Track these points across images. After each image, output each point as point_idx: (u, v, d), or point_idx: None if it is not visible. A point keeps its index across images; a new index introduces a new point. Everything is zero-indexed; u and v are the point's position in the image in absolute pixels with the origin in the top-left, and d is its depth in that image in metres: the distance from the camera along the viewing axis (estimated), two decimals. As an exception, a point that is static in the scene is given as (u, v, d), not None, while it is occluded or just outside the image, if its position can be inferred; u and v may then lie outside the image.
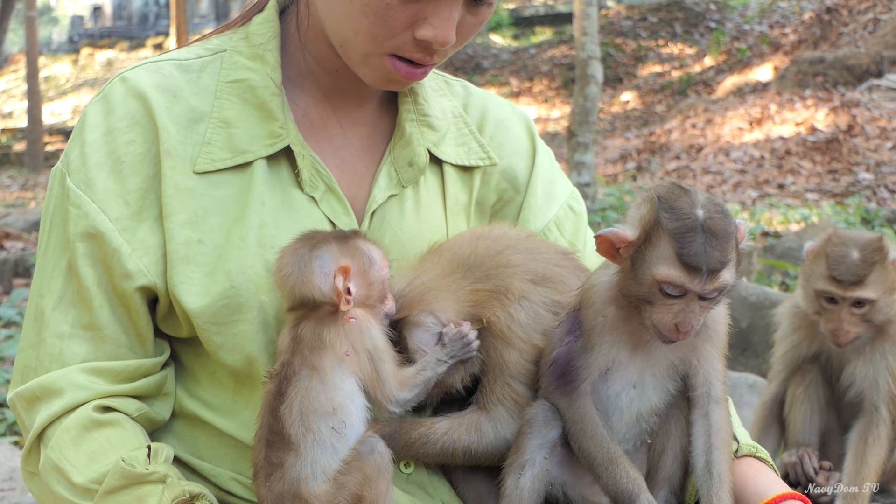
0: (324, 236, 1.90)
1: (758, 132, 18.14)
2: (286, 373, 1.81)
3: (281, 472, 1.76)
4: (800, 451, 2.99)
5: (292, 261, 1.86)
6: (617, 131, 21.24)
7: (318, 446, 1.77)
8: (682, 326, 1.78)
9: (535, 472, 1.93)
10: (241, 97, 2.02)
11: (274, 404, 1.79)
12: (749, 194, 15.85)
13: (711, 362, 1.91)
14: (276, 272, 1.88)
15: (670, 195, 1.82)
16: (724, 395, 1.92)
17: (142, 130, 1.97)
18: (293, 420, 1.77)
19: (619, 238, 1.82)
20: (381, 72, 1.97)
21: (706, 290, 1.77)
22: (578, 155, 11.73)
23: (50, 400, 1.92)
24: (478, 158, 2.22)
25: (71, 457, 1.88)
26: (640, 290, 1.81)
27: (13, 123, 27.13)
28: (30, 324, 1.99)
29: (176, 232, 1.93)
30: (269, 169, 2.01)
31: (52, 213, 2.00)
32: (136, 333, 1.97)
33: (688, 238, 1.76)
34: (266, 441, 1.79)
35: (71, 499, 1.88)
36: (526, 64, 25.88)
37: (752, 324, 6.25)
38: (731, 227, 1.80)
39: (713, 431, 1.88)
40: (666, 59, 24.35)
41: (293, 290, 1.85)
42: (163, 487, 1.82)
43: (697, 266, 1.74)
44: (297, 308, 1.86)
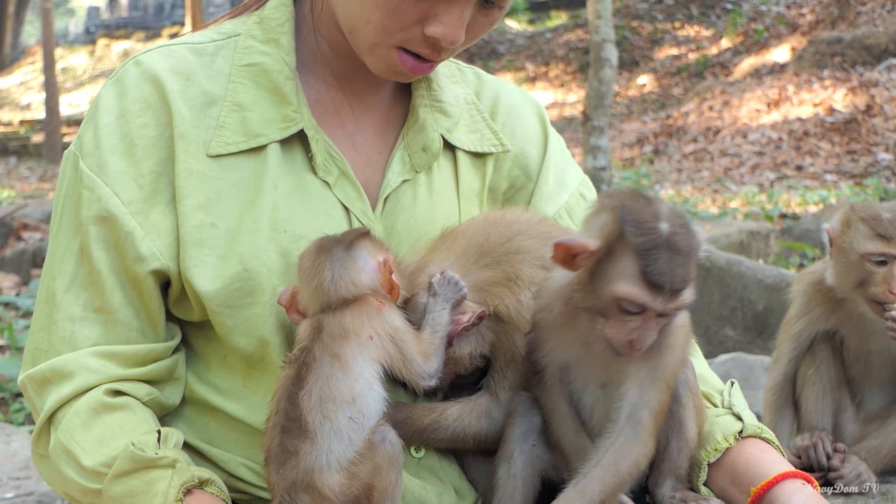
0: (344, 237, 1.90)
1: (775, 114, 18.06)
2: (306, 359, 1.80)
3: (295, 461, 1.75)
4: (813, 437, 2.97)
5: (329, 264, 1.86)
6: (633, 115, 21.16)
7: (334, 436, 1.75)
8: (637, 343, 1.72)
9: (525, 459, 1.94)
10: (255, 81, 2.02)
11: (292, 390, 1.78)
12: (767, 176, 15.78)
13: (643, 387, 1.82)
14: (311, 278, 1.86)
15: (634, 205, 1.72)
16: (647, 422, 1.81)
17: (155, 114, 1.97)
18: (311, 407, 1.76)
19: (579, 247, 1.74)
20: (387, 63, 1.97)
21: (667, 309, 1.70)
22: (594, 139, 11.67)
23: (61, 383, 1.92)
24: (490, 145, 2.22)
25: (81, 440, 1.89)
26: (595, 303, 1.74)
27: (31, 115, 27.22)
28: (41, 306, 2.00)
29: (189, 215, 1.93)
30: (282, 153, 2.00)
31: (65, 196, 2.00)
32: (147, 317, 1.98)
33: (653, 256, 1.67)
34: (281, 427, 1.78)
35: (80, 482, 1.88)
36: (542, 49, 25.80)
37: (768, 306, 6.22)
38: (694, 242, 1.72)
39: (610, 452, 1.80)
40: (682, 42, 24.22)
41: (333, 292, 1.85)
42: (172, 472, 1.82)
43: (661, 285, 1.67)
44: (328, 309, 1.85)
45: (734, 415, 2.06)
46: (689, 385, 1.97)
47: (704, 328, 6.45)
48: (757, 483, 1.91)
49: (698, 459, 2.01)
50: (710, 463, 2.00)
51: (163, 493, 1.80)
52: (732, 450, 2.00)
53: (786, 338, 3.10)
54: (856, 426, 3.05)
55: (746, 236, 9.06)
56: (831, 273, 2.93)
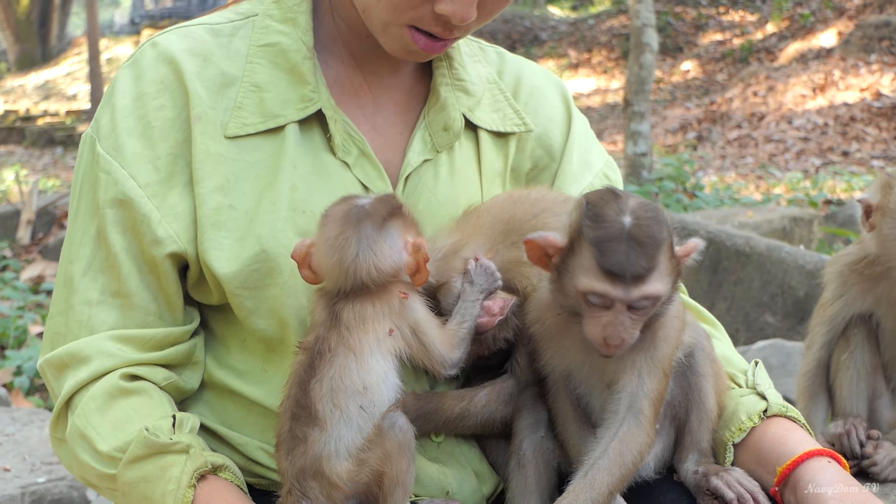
0: (376, 209, 1.82)
1: (821, 99, 17.89)
2: (320, 348, 1.77)
3: (304, 447, 1.74)
4: (847, 424, 2.91)
5: (357, 241, 1.78)
6: (677, 101, 21.00)
7: (344, 424, 1.74)
8: (611, 339, 1.70)
9: (535, 450, 1.94)
10: (273, 61, 2.00)
11: (304, 378, 1.76)
12: (812, 162, 15.64)
13: (642, 376, 1.81)
14: (333, 250, 1.79)
15: (599, 201, 1.73)
16: (647, 411, 1.81)
17: (172, 95, 1.96)
18: (322, 396, 1.74)
19: (548, 243, 1.75)
20: (400, 42, 1.95)
21: (632, 298, 1.68)
22: (634, 124, 11.61)
23: (78, 367, 1.92)
24: (513, 125, 2.19)
25: (96, 424, 1.89)
26: (568, 302, 1.75)
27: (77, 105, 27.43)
28: (59, 290, 2.00)
29: (206, 198, 1.92)
30: (301, 133, 1.99)
31: (82, 180, 2.00)
32: (165, 301, 1.97)
33: (608, 246, 1.67)
34: (292, 413, 1.77)
35: (96, 466, 1.89)
36: (584, 35, 25.65)
37: (809, 292, 6.14)
38: (662, 233, 1.70)
39: (614, 443, 1.79)
40: (727, 27, 23.99)
41: (352, 273, 1.78)
42: (186, 458, 1.82)
43: (619, 273, 1.66)
44: (349, 291, 1.80)
45: (758, 394, 2.03)
46: (706, 351, 1.96)
47: (744, 314, 6.38)
48: (782, 463, 1.88)
49: (723, 440, 1.98)
50: (736, 444, 1.97)
51: (176, 478, 1.80)
52: (757, 430, 1.96)
53: (819, 321, 3.05)
54: (892, 412, 3.00)
55: (789, 222, 8.96)
56: (874, 242, 2.87)
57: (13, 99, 30.41)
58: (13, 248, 10.52)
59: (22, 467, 3.80)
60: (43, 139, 24.26)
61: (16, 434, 4.10)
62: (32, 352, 6.25)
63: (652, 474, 1.95)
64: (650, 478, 1.95)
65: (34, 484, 3.66)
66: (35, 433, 4.11)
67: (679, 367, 1.92)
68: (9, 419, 4.27)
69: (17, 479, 3.69)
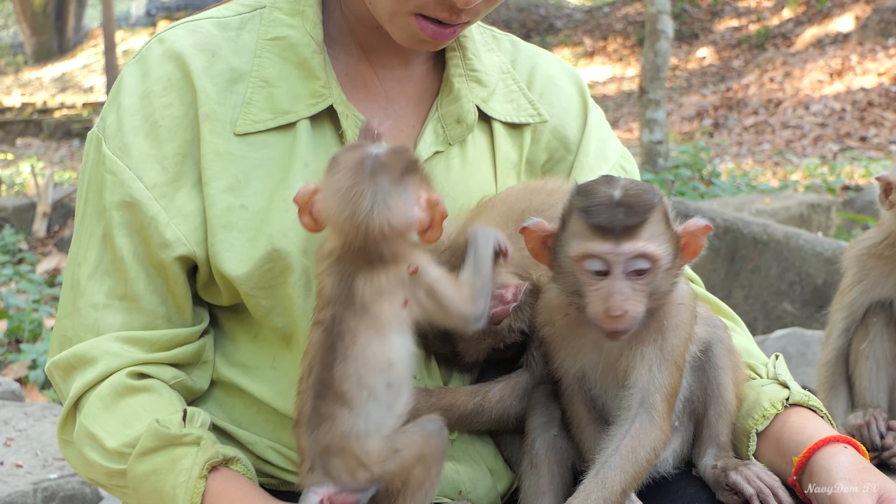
0: (392, 162, 1.69)
1: (838, 84, 17.83)
2: (340, 329, 1.68)
3: (331, 425, 1.67)
4: (867, 415, 2.88)
5: (371, 194, 1.65)
6: (693, 88, 20.93)
7: (373, 402, 1.68)
8: (612, 310, 1.67)
9: (547, 449, 1.91)
10: (282, 55, 1.97)
11: (326, 358, 1.68)
12: (829, 148, 15.59)
13: (653, 370, 1.78)
14: (344, 202, 1.66)
15: (588, 185, 1.75)
16: (660, 406, 1.78)
17: (179, 93, 1.94)
18: (348, 376, 1.67)
19: (541, 228, 1.76)
20: (407, 31, 1.91)
21: (624, 253, 1.66)
22: (650, 112, 11.55)
23: (84, 368, 1.91)
24: (528, 115, 2.15)
25: (104, 422, 1.87)
26: (567, 282, 1.73)
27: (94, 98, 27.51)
28: (66, 293, 1.98)
29: (217, 198, 1.90)
30: (312, 129, 1.96)
31: (89, 181, 1.97)
32: (174, 304, 1.94)
33: (595, 209, 1.67)
34: (316, 392, 1.69)
35: (104, 464, 1.87)
36: (599, 23, 25.57)
37: (827, 280, 6.09)
38: (652, 199, 1.70)
39: (626, 440, 1.76)
40: (743, 13, 23.87)
41: (363, 228, 1.65)
42: (197, 449, 1.80)
43: (607, 226, 1.66)
44: (356, 249, 1.68)
45: (780, 383, 2.00)
46: (724, 342, 1.93)
47: (762, 303, 6.35)
48: (799, 452, 1.85)
49: (746, 428, 1.95)
50: (759, 432, 1.94)
51: (187, 470, 1.78)
52: (777, 420, 1.93)
53: (838, 308, 3.02)
54: (912, 402, 2.97)
55: (807, 209, 8.91)
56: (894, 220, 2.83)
57: (30, 91, 30.53)
58: (29, 240, 10.54)
59: (34, 463, 3.79)
60: (60, 131, 24.34)
61: (28, 430, 4.09)
62: (48, 345, 6.23)
63: (671, 469, 1.92)
64: (669, 473, 1.92)
65: (46, 480, 3.65)
66: (48, 429, 4.10)
67: (696, 361, 1.89)
68: (21, 414, 4.26)
69: (30, 475, 3.68)
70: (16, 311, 7.18)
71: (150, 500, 1.83)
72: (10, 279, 8.72)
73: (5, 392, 4.73)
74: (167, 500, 1.80)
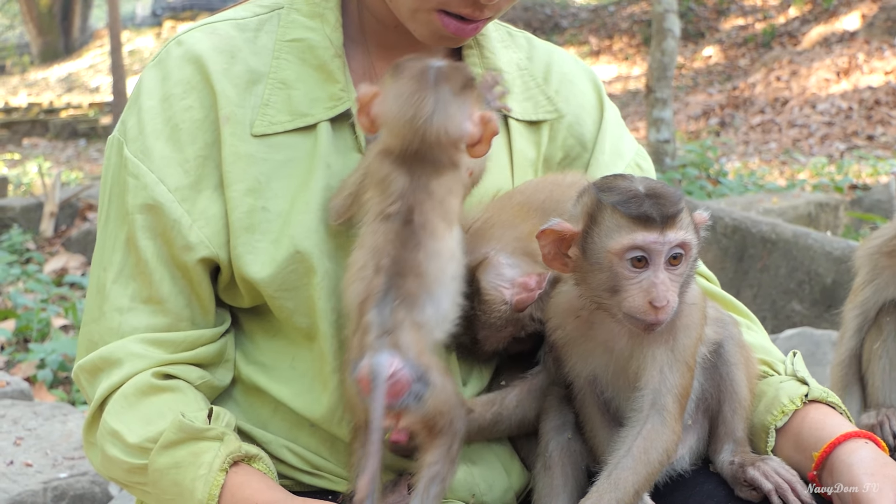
0: (452, 75, 1.78)
1: (845, 83, 17.80)
2: (420, 219, 1.74)
3: (410, 303, 1.70)
4: (880, 415, 2.86)
5: (434, 101, 1.74)
6: (699, 87, 20.91)
7: (444, 291, 1.74)
8: (657, 301, 1.68)
9: (561, 452, 1.91)
10: (300, 57, 1.97)
11: (407, 243, 1.73)
12: (837, 147, 15.56)
13: (664, 371, 1.78)
14: (407, 106, 1.74)
15: (605, 181, 1.76)
16: (672, 407, 1.78)
17: (199, 96, 1.93)
18: (427, 261, 1.72)
19: (563, 228, 1.73)
20: (430, 28, 1.90)
21: (669, 241, 1.68)
22: (657, 111, 11.55)
23: (110, 370, 1.91)
24: (545, 112, 2.15)
25: (127, 419, 1.87)
26: (601, 279, 1.72)
27: (100, 98, 27.56)
28: (92, 297, 1.98)
29: (238, 201, 1.89)
30: (332, 131, 1.95)
31: (111, 185, 1.97)
32: (199, 305, 1.94)
33: (633, 201, 1.69)
34: (394, 271, 1.71)
35: (125, 459, 1.86)
36: (605, 22, 25.55)
37: (836, 279, 6.08)
38: (676, 192, 1.73)
39: (638, 441, 1.76)
40: (749, 12, 23.84)
41: (422, 132, 1.74)
42: (219, 444, 1.80)
43: (650, 216, 1.67)
44: (410, 152, 1.76)
45: (798, 379, 2.00)
46: (735, 339, 1.93)
47: (771, 302, 6.33)
48: (819, 448, 1.84)
49: (765, 424, 1.94)
50: (778, 428, 1.93)
51: (208, 463, 1.78)
52: (797, 416, 1.93)
53: (851, 308, 3.00)
54: (926, 403, 2.95)
55: (815, 208, 8.89)
56: None
57: (37, 92, 30.59)
58: (36, 240, 10.54)
59: (44, 462, 3.79)
60: (66, 131, 24.39)
61: (38, 429, 4.09)
62: (56, 345, 6.24)
63: (687, 467, 1.92)
64: (685, 470, 1.92)
65: (56, 479, 3.65)
66: (57, 428, 4.10)
67: (708, 360, 1.89)
68: (31, 414, 4.27)
69: (40, 475, 3.68)
70: (24, 311, 7.18)
71: (169, 494, 1.83)
72: (18, 279, 8.72)
73: (14, 391, 4.73)
74: (186, 493, 1.79)
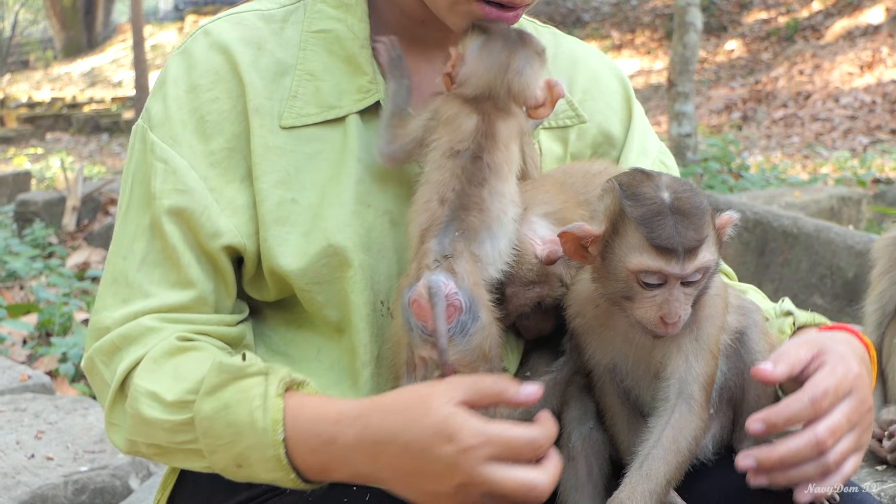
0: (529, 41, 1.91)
1: (869, 76, 17.70)
2: (487, 159, 1.81)
3: (471, 235, 1.75)
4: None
5: (520, 58, 1.87)
6: (721, 81, 20.81)
7: (503, 231, 1.78)
8: (669, 318, 1.67)
9: (584, 442, 1.89)
10: (328, 49, 1.96)
11: (474, 179, 1.79)
12: (860, 141, 15.47)
13: (689, 360, 1.77)
14: (495, 59, 1.86)
15: (632, 181, 1.71)
16: (698, 395, 1.77)
17: (226, 87, 1.91)
18: (492, 199, 1.78)
19: (584, 233, 1.72)
20: (470, 18, 1.89)
21: (686, 272, 1.66)
22: (678, 105, 11.49)
23: (130, 347, 1.83)
24: (566, 118, 2.14)
25: (160, 379, 1.78)
26: (616, 287, 1.71)
27: (122, 92, 27.65)
28: (107, 286, 1.90)
29: (268, 193, 1.87)
30: (362, 123, 1.94)
31: (134, 172, 1.92)
32: (224, 291, 1.90)
33: (656, 222, 1.65)
34: (460, 204, 1.77)
35: (167, 418, 1.77)
36: (627, 16, 25.47)
37: (858, 273, 6.06)
38: (702, 203, 1.69)
39: (667, 431, 1.75)
40: (772, 5, 23.70)
41: (506, 83, 1.86)
42: (264, 377, 1.72)
43: (672, 247, 1.63)
44: (489, 98, 1.86)
45: (785, 314, 2.01)
46: (759, 326, 1.91)
47: (792, 296, 6.26)
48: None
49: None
50: None
51: (261, 395, 1.69)
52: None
53: (870, 302, 2.97)
54: (947, 399, 2.92)
55: (837, 202, 8.85)
56: None
57: (60, 86, 30.74)
58: (59, 234, 10.60)
59: (65, 456, 3.80)
60: (89, 126, 24.51)
61: (59, 422, 4.10)
62: (78, 339, 6.26)
63: (711, 456, 1.91)
64: (709, 459, 1.90)
65: (77, 472, 3.66)
66: (78, 421, 4.11)
67: (730, 348, 1.87)
68: (52, 407, 4.28)
69: (60, 468, 3.69)
70: (46, 305, 7.22)
71: (224, 438, 1.72)
72: (41, 273, 8.77)
73: (36, 385, 4.74)
74: (245, 429, 1.70)
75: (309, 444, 1.68)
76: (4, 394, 4.55)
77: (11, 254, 9.31)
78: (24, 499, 3.48)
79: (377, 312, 1.89)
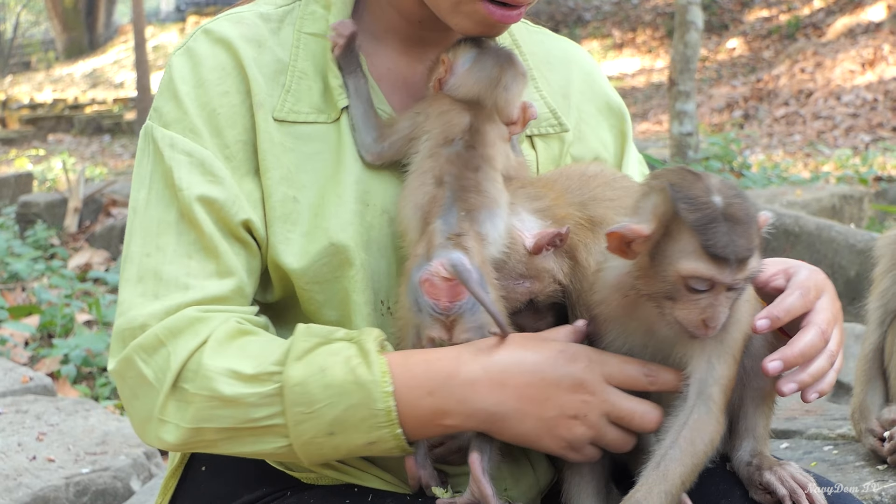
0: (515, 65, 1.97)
1: (870, 74, 17.70)
2: (480, 151, 1.87)
3: (474, 215, 1.79)
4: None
5: (509, 75, 1.94)
6: (723, 79, 20.81)
7: (500, 216, 1.82)
8: (711, 321, 1.67)
9: None
10: (319, 50, 1.97)
11: (469, 165, 1.85)
12: (861, 139, 15.48)
13: (712, 361, 1.77)
14: (486, 72, 1.92)
15: (683, 182, 1.69)
16: (717, 398, 1.77)
17: (234, 81, 1.91)
18: (488, 184, 1.84)
19: (633, 233, 1.70)
20: (474, 18, 1.89)
21: (736, 281, 1.66)
22: (680, 104, 11.48)
23: (178, 339, 1.76)
24: (548, 126, 2.13)
25: (234, 356, 1.74)
26: (661, 287, 1.70)
27: (124, 93, 27.63)
28: (132, 286, 1.83)
29: (274, 188, 1.87)
30: None
31: (151, 171, 1.88)
32: (254, 280, 1.89)
33: (711, 229, 1.64)
34: (459, 186, 1.82)
35: (251, 391, 1.71)
36: (628, 14, 25.46)
37: (860, 272, 6.05)
38: (751, 210, 1.69)
39: (685, 432, 1.74)
40: (773, 3, 23.69)
41: (492, 94, 1.92)
42: (354, 340, 1.73)
43: (725, 257, 1.63)
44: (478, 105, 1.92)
45: None
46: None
47: (794, 295, 6.29)
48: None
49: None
50: None
51: (357, 353, 1.70)
52: None
53: (872, 300, 2.97)
54: (948, 398, 2.91)
55: (839, 200, 8.84)
56: None
57: (61, 87, 30.75)
58: (61, 236, 10.61)
59: (66, 458, 3.79)
60: (91, 127, 24.52)
61: (60, 424, 4.10)
62: (79, 340, 6.26)
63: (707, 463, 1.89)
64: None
65: (78, 474, 3.65)
66: (80, 423, 4.11)
67: None
68: (54, 409, 4.28)
69: (62, 470, 3.68)
70: (48, 307, 7.23)
71: (321, 401, 1.68)
72: (43, 274, 8.78)
73: (38, 387, 4.74)
74: (348, 387, 1.68)
75: (426, 387, 1.71)
76: (6, 395, 4.55)
77: (13, 255, 9.32)
78: (26, 500, 3.47)
79: (377, 311, 1.89)
